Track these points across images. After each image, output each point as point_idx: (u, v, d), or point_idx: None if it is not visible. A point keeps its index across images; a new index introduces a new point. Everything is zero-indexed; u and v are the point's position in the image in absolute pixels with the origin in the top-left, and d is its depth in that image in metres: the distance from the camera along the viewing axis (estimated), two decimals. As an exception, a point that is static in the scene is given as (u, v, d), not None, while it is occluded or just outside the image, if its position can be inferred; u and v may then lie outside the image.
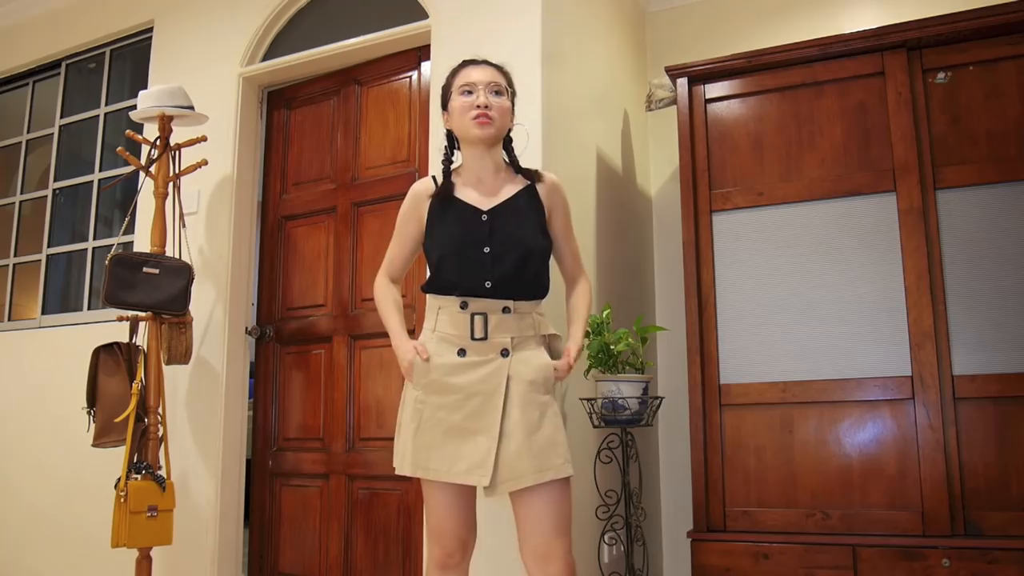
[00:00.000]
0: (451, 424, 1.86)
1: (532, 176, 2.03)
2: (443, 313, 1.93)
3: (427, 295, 1.99)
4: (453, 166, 2.06)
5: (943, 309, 2.45)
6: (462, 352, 1.89)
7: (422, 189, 2.05)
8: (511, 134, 2.06)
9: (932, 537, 2.34)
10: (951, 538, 2.32)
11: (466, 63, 2.02)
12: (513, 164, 2.05)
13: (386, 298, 2.07)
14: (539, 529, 1.81)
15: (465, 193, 1.99)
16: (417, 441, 1.89)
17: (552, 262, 2.07)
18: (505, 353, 1.89)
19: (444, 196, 1.98)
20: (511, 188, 2.00)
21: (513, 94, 2.04)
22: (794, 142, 2.70)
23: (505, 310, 1.90)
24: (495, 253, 1.91)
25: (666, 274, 3.62)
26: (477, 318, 1.89)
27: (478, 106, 1.92)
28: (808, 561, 2.42)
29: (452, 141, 2.06)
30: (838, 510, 2.47)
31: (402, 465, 1.92)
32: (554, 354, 1.99)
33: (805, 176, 2.67)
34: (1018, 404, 2.35)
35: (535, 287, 1.96)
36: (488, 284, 1.89)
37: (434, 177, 2.05)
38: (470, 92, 1.95)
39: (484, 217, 1.94)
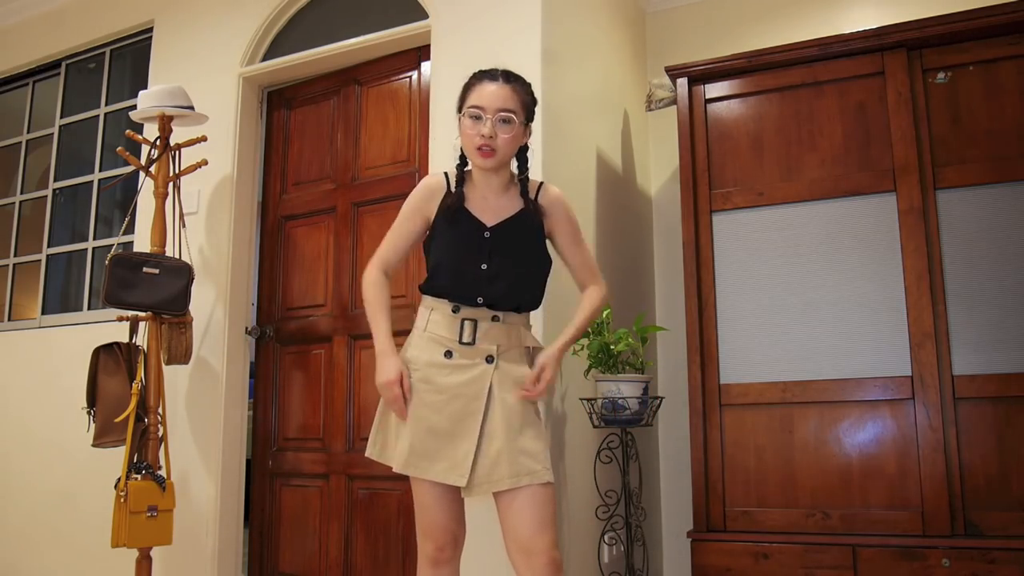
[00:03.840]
0: (433, 424, 1.90)
1: (535, 192, 2.03)
2: (435, 314, 1.97)
3: (422, 294, 2.02)
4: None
5: (943, 309, 2.45)
6: (448, 354, 1.93)
7: (435, 187, 2.03)
8: (527, 154, 2.04)
9: (932, 537, 2.34)
10: (951, 538, 2.32)
11: (483, 77, 1.97)
12: (521, 182, 2.03)
13: (377, 298, 2.01)
14: (522, 525, 1.84)
15: (472, 205, 1.99)
16: (402, 438, 1.92)
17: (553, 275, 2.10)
18: (490, 360, 1.92)
19: (453, 206, 1.98)
20: (515, 205, 2.00)
21: (529, 114, 1.99)
22: (794, 142, 2.70)
23: (495, 318, 1.94)
24: (491, 273, 1.93)
25: (666, 274, 3.61)
26: (467, 323, 1.93)
27: (482, 135, 1.90)
28: (808, 561, 2.42)
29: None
30: (838, 510, 2.47)
31: (382, 455, 1.98)
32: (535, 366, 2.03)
33: (805, 176, 2.67)
34: (1018, 404, 2.35)
35: (527, 304, 2.01)
36: (480, 300, 1.93)
37: (446, 174, 2.05)
38: (478, 117, 1.92)
39: (487, 235, 1.96)
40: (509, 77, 1.97)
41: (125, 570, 2.90)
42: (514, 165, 2.04)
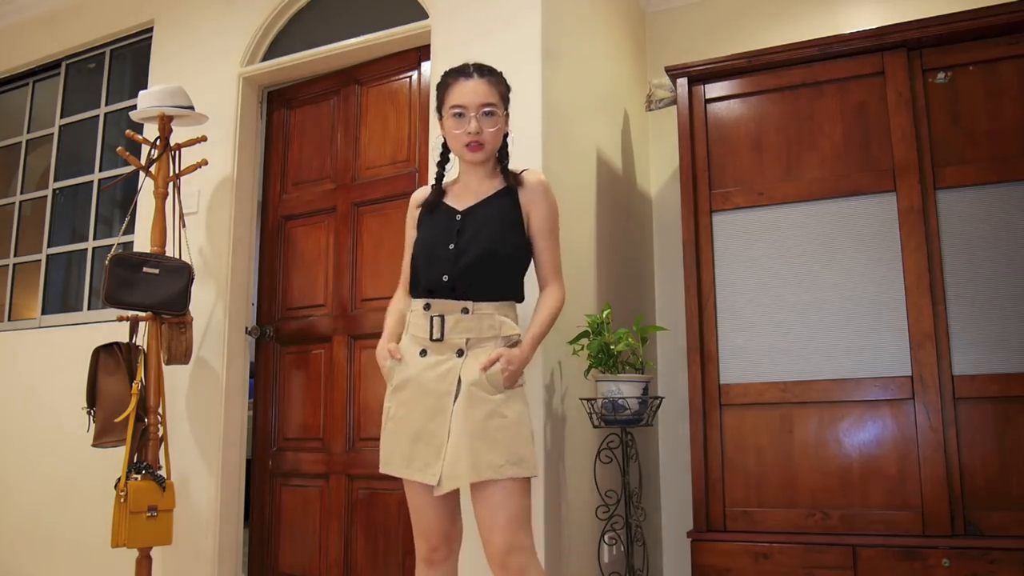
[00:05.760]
0: (410, 423, 1.92)
1: (515, 178, 2.04)
2: (412, 315, 2.01)
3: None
4: (450, 175, 2.11)
5: (943, 309, 2.45)
6: (424, 352, 1.95)
7: (419, 197, 2.14)
8: (506, 139, 2.06)
9: (932, 537, 2.34)
10: (951, 538, 2.32)
11: (458, 75, 1.99)
12: (503, 169, 2.06)
13: (391, 309, 2.13)
14: (492, 526, 1.83)
15: (451, 197, 2.07)
16: (384, 439, 1.98)
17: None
18: (460, 353, 1.92)
19: (432, 202, 2.06)
20: (493, 189, 2.04)
21: (507, 103, 2.04)
22: (794, 142, 2.70)
23: (464, 311, 1.93)
24: (458, 249, 1.95)
25: (666, 274, 3.61)
26: (435, 319, 1.93)
27: (469, 132, 1.95)
28: (808, 561, 2.42)
29: (448, 148, 2.08)
30: (838, 510, 2.47)
31: (381, 461, 2.01)
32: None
33: (805, 176, 2.67)
34: (1018, 404, 2.35)
35: (498, 287, 1.96)
36: (445, 278, 1.93)
37: (433, 185, 2.12)
38: (461, 115, 1.96)
39: (458, 217, 2.00)
40: (483, 71, 2.00)
41: (125, 570, 2.90)
42: None
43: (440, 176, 2.10)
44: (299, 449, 3.22)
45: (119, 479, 2.69)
